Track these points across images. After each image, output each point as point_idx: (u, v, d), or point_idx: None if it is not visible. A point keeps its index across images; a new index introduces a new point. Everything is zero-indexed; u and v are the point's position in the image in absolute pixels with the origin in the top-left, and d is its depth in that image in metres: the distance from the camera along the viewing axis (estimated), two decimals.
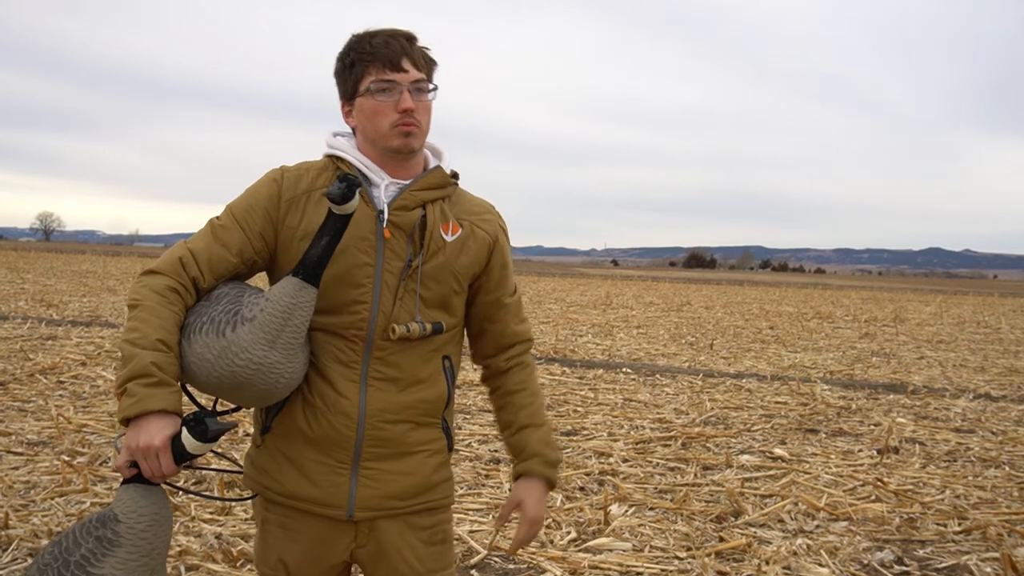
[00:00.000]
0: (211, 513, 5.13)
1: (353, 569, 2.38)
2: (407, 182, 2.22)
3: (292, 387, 2.13)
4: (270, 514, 2.27)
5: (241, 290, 2.17)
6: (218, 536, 4.77)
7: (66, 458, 6.11)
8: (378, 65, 2.17)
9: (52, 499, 5.31)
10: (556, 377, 11.37)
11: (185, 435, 2.03)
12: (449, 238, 2.24)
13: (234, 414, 2.36)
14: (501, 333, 2.40)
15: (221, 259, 2.16)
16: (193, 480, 5.55)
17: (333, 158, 2.26)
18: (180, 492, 2.47)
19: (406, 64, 2.18)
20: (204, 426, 2.03)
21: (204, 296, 2.16)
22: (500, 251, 2.34)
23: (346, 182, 2.02)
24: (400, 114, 2.16)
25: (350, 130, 2.31)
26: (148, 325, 2.04)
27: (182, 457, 2.05)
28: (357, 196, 2.05)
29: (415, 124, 2.18)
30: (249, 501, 2.38)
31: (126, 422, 2.00)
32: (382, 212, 2.17)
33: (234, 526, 4.96)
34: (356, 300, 2.16)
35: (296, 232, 2.17)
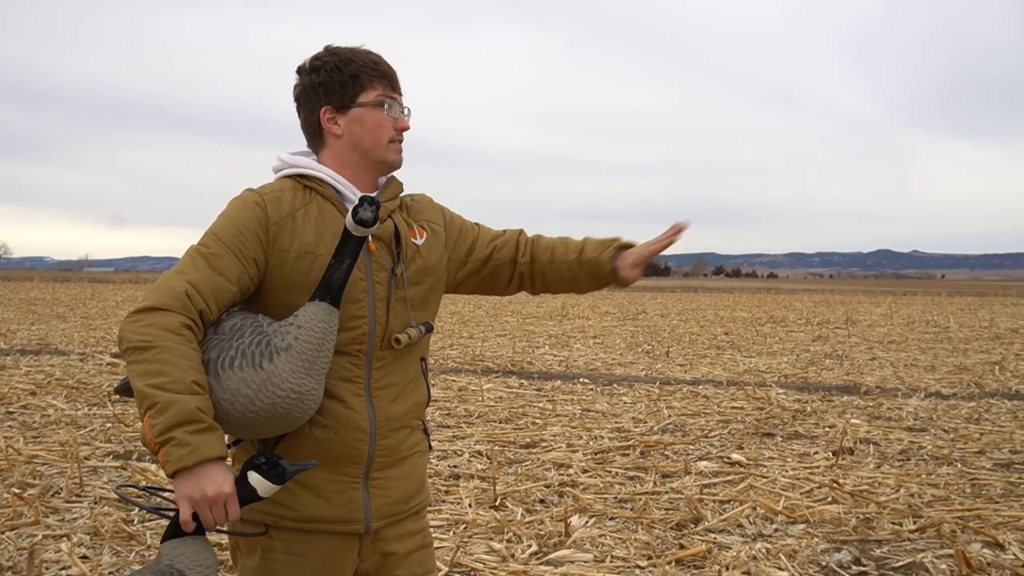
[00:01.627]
0: None
1: None
2: (373, 195, 2.29)
3: (314, 412, 2.12)
4: (275, 541, 2.24)
5: (254, 319, 2.13)
6: None
7: (16, 490, 5.98)
8: (384, 82, 2.28)
9: (3, 533, 5.20)
10: (514, 389, 11.37)
11: (257, 479, 1.98)
12: (419, 242, 2.35)
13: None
14: (507, 243, 2.55)
15: (224, 289, 2.11)
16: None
17: (299, 178, 2.27)
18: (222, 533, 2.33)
19: (399, 87, 2.33)
20: (280, 468, 1.99)
21: (212, 329, 2.11)
22: (452, 222, 2.50)
23: (375, 204, 2.03)
24: (397, 131, 2.29)
25: (305, 150, 2.34)
26: (176, 367, 1.95)
27: (247, 502, 2.00)
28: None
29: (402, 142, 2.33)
30: (240, 535, 2.32)
31: (174, 473, 1.92)
32: None
33: None
34: (355, 315, 2.19)
35: (289, 254, 2.17)
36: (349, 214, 2.04)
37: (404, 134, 2.32)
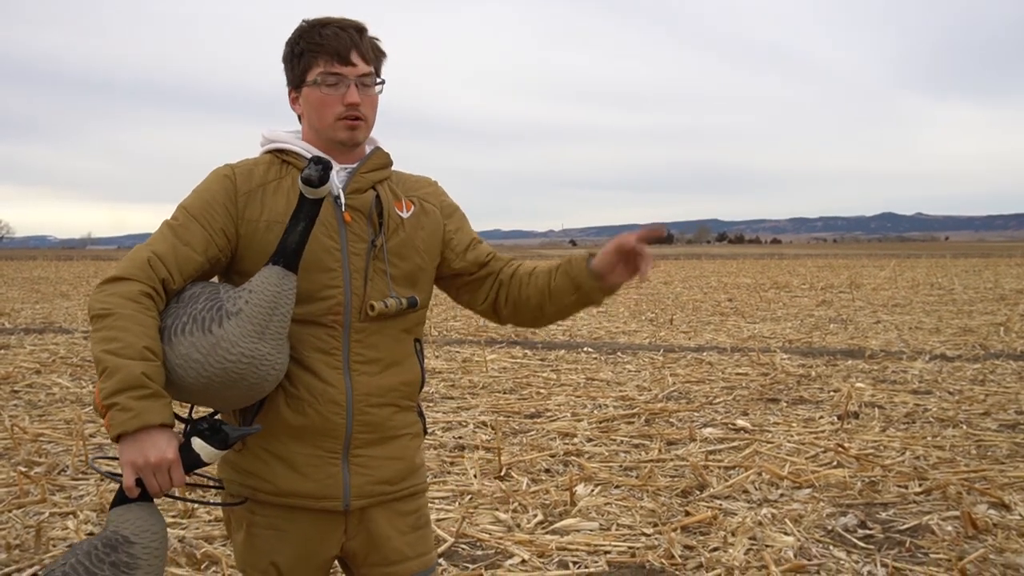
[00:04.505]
0: (173, 517, 5.07)
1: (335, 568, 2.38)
2: (354, 166, 2.26)
3: (279, 380, 2.11)
4: (257, 516, 2.23)
5: (214, 287, 2.13)
6: (181, 539, 4.71)
7: (23, 469, 6.01)
8: (326, 57, 2.20)
9: (10, 511, 5.22)
10: (518, 360, 11.37)
11: (200, 444, 1.98)
12: (405, 215, 2.30)
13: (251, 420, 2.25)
14: (496, 260, 2.43)
15: (188, 258, 2.12)
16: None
17: (276, 152, 2.26)
18: (181, 501, 2.30)
19: (354, 57, 2.21)
20: (223, 433, 1.98)
21: (174, 298, 2.11)
22: (451, 212, 2.41)
23: (321, 164, 2.01)
24: (346, 107, 2.19)
25: (293, 123, 2.33)
26: (129, 333, 1.96)
27: (191, 468, 2.00)
28: (332, 178, 2.06)
29: (360, 117, 2.22)
30: (217, 506, 2.32)
31: (118, 437, 1.93)
32: (338, 197, 2.20)
33: (197, 528, 4.91)
34: (328, 285, 2.17)
35: (259, 224, 2.17)
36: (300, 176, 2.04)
37: (368, 110, 2.22)
